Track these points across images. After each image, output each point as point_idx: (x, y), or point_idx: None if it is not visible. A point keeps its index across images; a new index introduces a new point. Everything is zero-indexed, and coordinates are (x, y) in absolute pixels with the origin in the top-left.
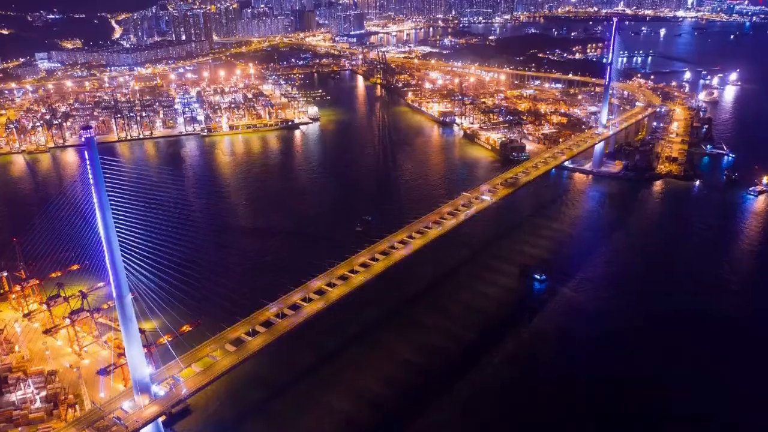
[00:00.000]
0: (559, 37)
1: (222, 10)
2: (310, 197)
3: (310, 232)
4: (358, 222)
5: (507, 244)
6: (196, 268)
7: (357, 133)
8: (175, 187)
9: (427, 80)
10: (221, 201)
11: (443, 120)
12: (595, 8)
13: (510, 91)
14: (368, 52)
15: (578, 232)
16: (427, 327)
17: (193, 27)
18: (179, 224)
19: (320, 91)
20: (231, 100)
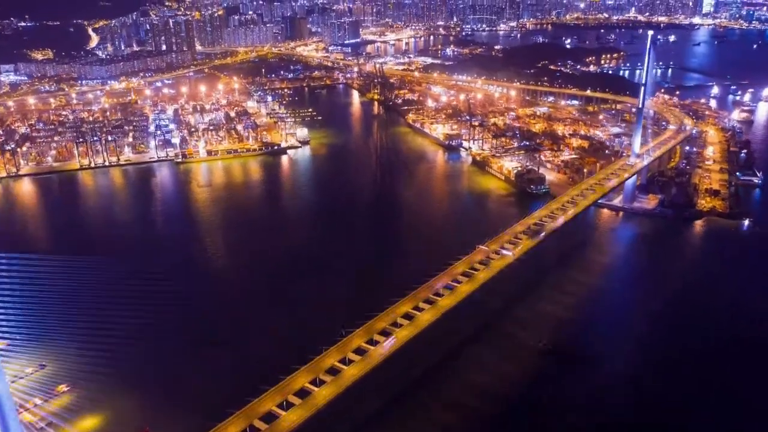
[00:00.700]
0: (570, 46)
1: (207, 17)
2: (294, 247)
3: (284, 303)
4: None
5: (527, 305)
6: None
7: (352, 159)
8: (120, 230)
9: (430, 96)
10: (185, 249)
11: (449, 144)
12: (605, 15)
13: (522, 109)
14: (364, 64)
15: (610, 286)
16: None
17: (174, 36)
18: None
19: (310, 110)
20: (211, 119)
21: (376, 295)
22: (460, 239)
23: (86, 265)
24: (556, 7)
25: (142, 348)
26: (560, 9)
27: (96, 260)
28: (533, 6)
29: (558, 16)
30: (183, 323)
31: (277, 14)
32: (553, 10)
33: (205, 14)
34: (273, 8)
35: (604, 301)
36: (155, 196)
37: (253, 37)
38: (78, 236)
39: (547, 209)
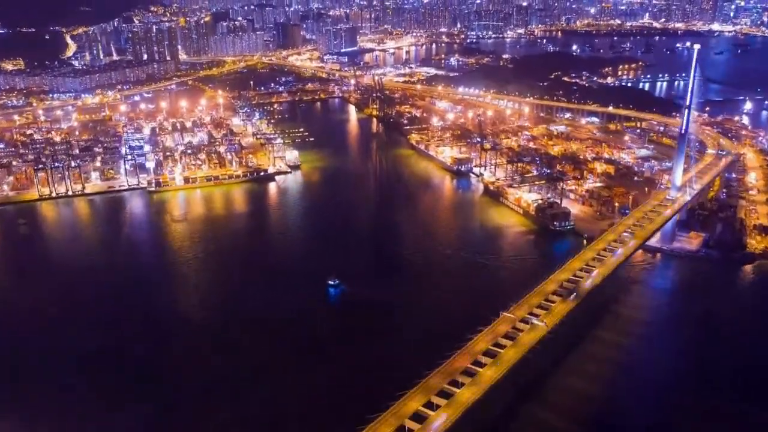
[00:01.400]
0: (583, 55)
1: (192, 23)
2: (273, 304)
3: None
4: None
5: (551, 380)
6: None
7: (347, 187)
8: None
9: (434, 112)
10: (150, 305)
11: (457, 169)
12: (618, 21)
13: (537, 127)
14: (362, 76)
15: (651, 353)
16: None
17: (156, 44)
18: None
19: (302, 130)
20: (191, 140)
21: (376, 389)
22: (476, 296)
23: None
24: (565, 12)
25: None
26: (570, 15)
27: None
28: (541, 12)
29: (568, 23)
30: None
31: (269, 20)
32: (562, 16)
33: (191, 21)
34: (265, 14)
35: (643, 371)
36: (121, 234)
37: (242, 45)
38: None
39: (580, 259)
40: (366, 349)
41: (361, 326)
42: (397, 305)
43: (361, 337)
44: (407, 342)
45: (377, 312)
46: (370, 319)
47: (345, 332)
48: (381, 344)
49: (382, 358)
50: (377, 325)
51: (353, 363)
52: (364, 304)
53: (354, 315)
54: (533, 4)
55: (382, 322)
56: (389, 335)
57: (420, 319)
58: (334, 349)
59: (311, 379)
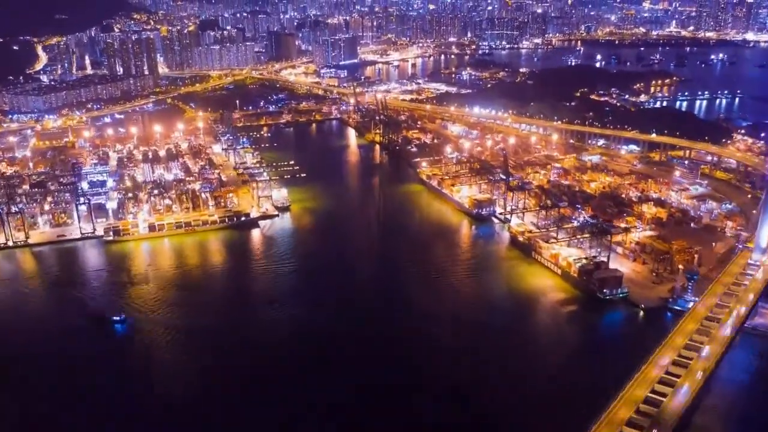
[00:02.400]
0: (609, 69)
1: (174, 33)
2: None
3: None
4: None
5: None
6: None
7: (346, 235)
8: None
9: (445, 137)
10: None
11: (477, 213)
12: (643, 29)
13: (567, 157)
14: (362, 94)
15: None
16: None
17: (133, 57)
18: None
19: (292, 163)
20: (162, 174)
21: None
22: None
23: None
24: (584, 20)
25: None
26: (590, 23)
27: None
28: (559, 20)
29: (588, 32)
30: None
31: (262, 28)
32: (581, 25)
33: (172, 30)
34: (257, 22)
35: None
36: (64, 299)
37: (230, 57)
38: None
39: (655, 364)
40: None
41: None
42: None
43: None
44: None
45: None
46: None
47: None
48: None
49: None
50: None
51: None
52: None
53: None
54: (549, 12)
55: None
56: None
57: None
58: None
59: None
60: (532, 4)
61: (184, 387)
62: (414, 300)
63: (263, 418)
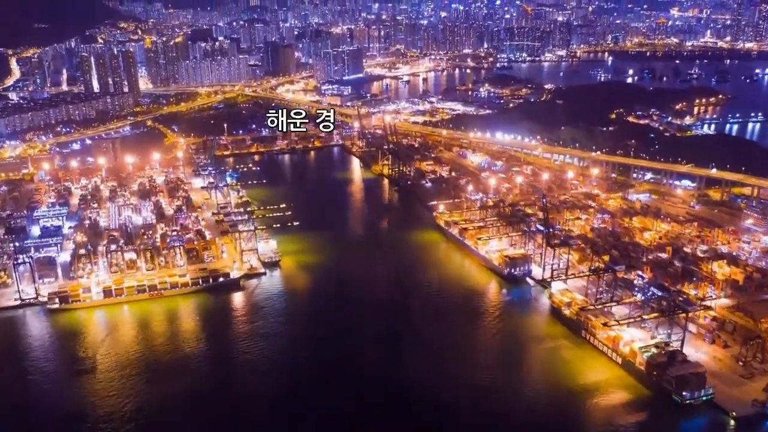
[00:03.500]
0: (644, 85)
1: (159, 45)
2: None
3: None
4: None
5: None
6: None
7: (346, 301)
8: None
9: (465, 169)
10: None
11: (509, 273)
12: (675, 39)
13: (610, 196)
14: (368, 116)
15: None
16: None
17: (111, 72)
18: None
19: (283, 206)
20: (129, 217)
21: None
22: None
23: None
24: (612, 29)
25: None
26: (618, 33)
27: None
28: (583, 29)
29: (615, 42)
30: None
31: (259, 39)
32: (608, 35)
33: (157, 42)
34: (254, 32)
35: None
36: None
37: (221, 72)
38: None
39: None
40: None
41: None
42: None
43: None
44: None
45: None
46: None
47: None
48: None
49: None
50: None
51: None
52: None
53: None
54: (571, 20)
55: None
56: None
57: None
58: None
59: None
60: (553, 12)
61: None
62: (425, 394)
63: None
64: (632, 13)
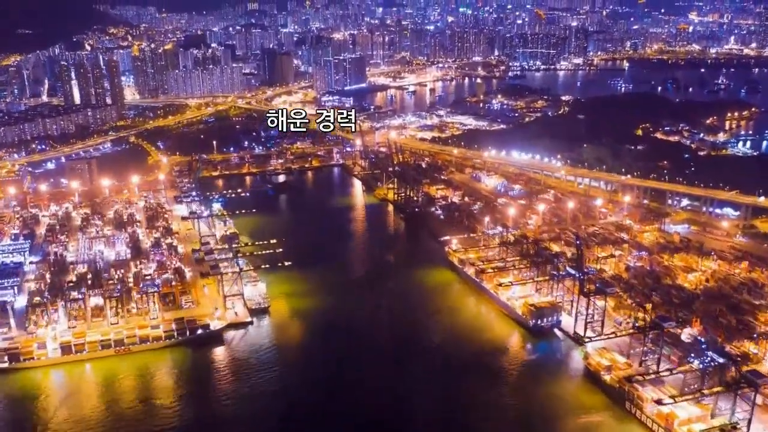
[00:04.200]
0: (669, 96)
1: (147, 53)
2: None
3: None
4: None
5: None
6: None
7: (344, 352)
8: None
9: (479, 194)
10: None
11: (535, 324)
12: (698, 47)
13: (644, 227)
14: (371, 131)
15: None
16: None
17: (93, 82)
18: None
19: (273, 242)
20: (100, 252)
21: None
22: None
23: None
24: (631, 35)
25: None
26: (637, 39)
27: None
28: (600, 35)
29: (635, 49)
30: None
31: (255, 45)
32: (626, 41)
33: (144, 49)
34: (250, 38)
35: None
36: None
37: (213, 82)
38: None
39: None
40: None
41: None
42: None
43: None
44: None
45: None
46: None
47: None
48: None
49: None
50: None
51: None
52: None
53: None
54: (586, 25)
55: None
56: None
57: None
58: None
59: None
60: (566, 17)
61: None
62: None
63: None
64: (650, 17)
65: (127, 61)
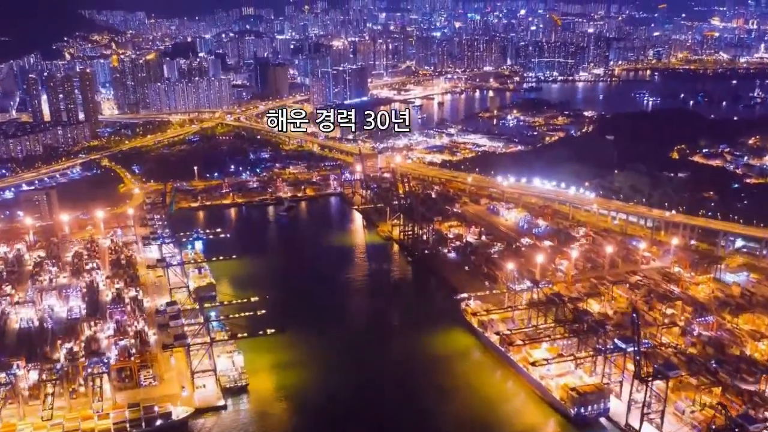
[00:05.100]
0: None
1: (127, 64)
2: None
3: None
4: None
5: None
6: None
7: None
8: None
9: (497, 229)
10: None
11: (576, 413)
12: (726, 55)
13: (695, 275)
14: (373, 155)
15: None
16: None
17: (64, 96)
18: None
19: (254, 299)
20: (50, 309)
21: None
22: None
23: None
24: (653, 43)
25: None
26: (660, 47)
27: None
28: (620, 42)
29: (659, 58)
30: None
31: (249, 53)
32: (649, 49)
33: (124, 60)
34: (243, 46)
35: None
36: None
37: (200, 95)
38: None
39: None
40: None
41: None
42: None
43: None
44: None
45: None
46: None
47: None
48: None
49: None
50: None
51: None
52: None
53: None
54: (604, 32)
55: None
56: None
57: None
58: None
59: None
60: (582, 23)
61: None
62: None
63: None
64: (671, 23)
65: (108, 72)
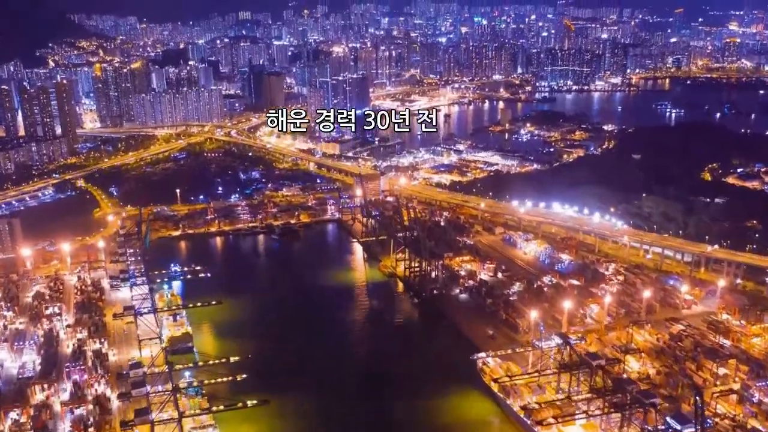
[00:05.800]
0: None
1: (110, 73)
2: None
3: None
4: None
5: None
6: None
7: None
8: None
9: (513, 262)
10: None
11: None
12: (749, 63)
13: (756, 330)
14: (375, 177)
15: None
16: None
17: (40, 110)
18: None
19: (235, 359)
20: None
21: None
22: None
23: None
24: (671, 50)
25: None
26: (679, 54)
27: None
28: (636, 48)
29: (678, 66)
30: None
31: (244, 60)
32: (668, 56)
33: (107, 69)
34: (237, 53)
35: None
36: None
37: (188, 107)
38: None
39: None
40: None
41: None
42: None
43: None
44: None
45: None
46: None
47: None
48: None
49: None
50: None
51: None
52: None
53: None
54: (618, 38)
55: None
56: None
57: None
58: None
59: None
60: (596, 28)
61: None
62: None
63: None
64: (688, 28)
65: (92, 81)
